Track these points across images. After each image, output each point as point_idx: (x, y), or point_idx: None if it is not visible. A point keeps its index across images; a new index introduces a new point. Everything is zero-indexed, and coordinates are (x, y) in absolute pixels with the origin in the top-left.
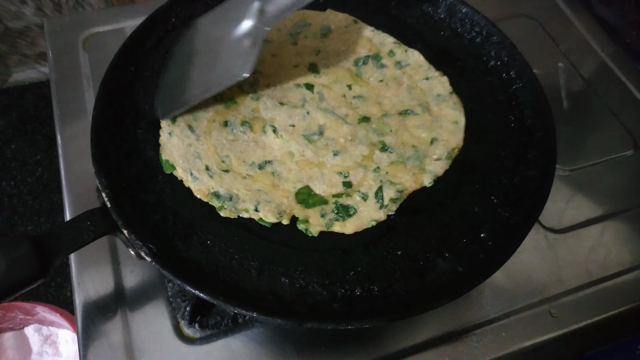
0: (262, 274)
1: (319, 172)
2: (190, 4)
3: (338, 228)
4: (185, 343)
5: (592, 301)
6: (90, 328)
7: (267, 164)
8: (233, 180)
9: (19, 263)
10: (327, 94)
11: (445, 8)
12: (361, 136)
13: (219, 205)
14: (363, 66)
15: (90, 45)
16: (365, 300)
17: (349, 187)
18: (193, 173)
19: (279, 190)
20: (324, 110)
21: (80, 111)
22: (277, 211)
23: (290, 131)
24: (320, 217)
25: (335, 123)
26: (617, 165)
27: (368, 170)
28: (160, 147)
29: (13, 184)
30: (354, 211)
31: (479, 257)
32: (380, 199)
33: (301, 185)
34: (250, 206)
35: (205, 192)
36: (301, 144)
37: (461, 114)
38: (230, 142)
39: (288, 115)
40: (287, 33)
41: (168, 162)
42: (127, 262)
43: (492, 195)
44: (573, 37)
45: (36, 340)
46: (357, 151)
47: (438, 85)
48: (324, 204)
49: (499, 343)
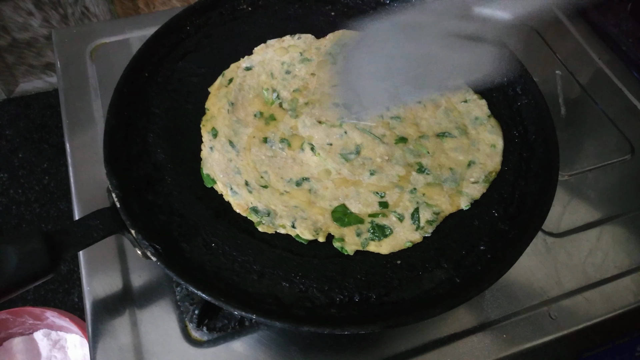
0: (263, 277)
1: (355, 191)
2: (205, 13)
3: (374, 248)
4: (193, 346)
5: (591, 303)
6: (99, 330)
7: (304, 181)
8: (271, 196)
9: (31, 257)
10: (365, 115)
11: None
12: (398, 157)
13: (258, 220)
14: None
15: (98, 56)
16: (363, 306)
17: (385, 207)
18: (233, 188)
19: (315, 207)
20: (361, 130)
21: (89, 120)
22: (314, 228)
23: (328, 149)
24: (356, 236)
25: (372, 143)
26: (614, 170)
27: (404, 191)
28: (201, 162)
29: (21, 192)
30: (389, 231)
31: (476, 269)
32: (417, 220)
33: (337, 203)
34: (288, 222)
35: (245, 207)
36: (338, 162)
37: (499, 137)
38: (269, 158)
39: (326, 134)
40: (326, 52)
41: (209, 176)
42: (136, 267)
43: (492, 209)
44: (570, 45)
45: (45, 344)
46: (394, 171)
47: (476, 108)
48: (360, 223)
49: (499, 345)
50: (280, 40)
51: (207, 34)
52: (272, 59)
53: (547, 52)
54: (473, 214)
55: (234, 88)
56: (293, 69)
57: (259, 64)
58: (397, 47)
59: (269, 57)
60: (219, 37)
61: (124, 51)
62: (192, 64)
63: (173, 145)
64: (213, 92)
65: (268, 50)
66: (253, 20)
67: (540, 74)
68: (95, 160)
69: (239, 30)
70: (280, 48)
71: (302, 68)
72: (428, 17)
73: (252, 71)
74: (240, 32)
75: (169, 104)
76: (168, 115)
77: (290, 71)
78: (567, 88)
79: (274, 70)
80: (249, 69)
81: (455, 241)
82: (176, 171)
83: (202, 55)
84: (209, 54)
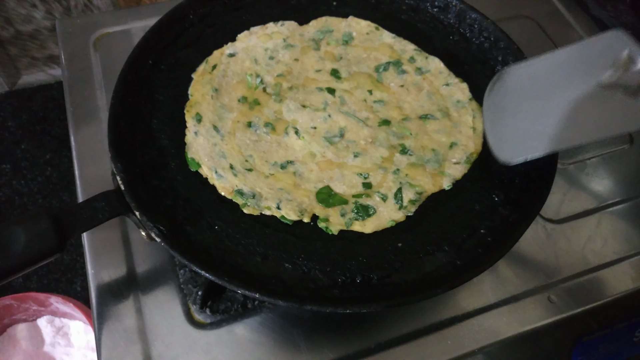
0: (267, 259)
1: (340, 173)
2: (208, 2)
3: (358, 227)
4: (196, 328)
5: (590, 288)
6: (104, 313)
7: (289, 164)
8: (256, 179)
9: (38, 237)
10: (348, 98)
11: (455, 14)
12: (381, 139)
13: (243, 202)
14: (384, 72)
15: (101, 46)
16: (365, 287)
17: (368, 187)
18: (218, 171)
19: (300, 189)
20: (345, 114)
21: (93, 110)
22: (299, 209)
23: (312, 133)
24: (341, 216)
25: (356, 126)
26: (613, 159)
27: (388, 172)
28: (186, 146)
29: (24, 183)
30: (373, 211)
31: (477, 251)
32: (400, 200)
33: (322, 185)
34: (273, 204)
35: (230, 189)
36: (322, 145)
37: (480, 120)
38: (253, 142)
39: (310, 117)
40: (310, 38)
41: (194, 160)
42: (140, 252)
43: (493, 194)
44: (571, 37)
45: (49, 331)
46: (377, 153)
47: (458, 91)
48: (344, 203)
49: (499, 328)
50: (264, 27)
51: (211, 23)
52: (255, 45)
53: (549, 44)
54: (474, 198)
55: (217, 74)
56: (277, 54)
57: (242, 51)
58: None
59: (252, 44)
60: (223, 26)
61: (128, 41)
62: (196, 53)
63: (177, 131)
64: (196, 79)
65: (251, 37)
66: (256, 10)
67: None
68: (100, 150)
69: (242, 19)
70: (264, 35)
71: (286, 54)
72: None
73: (236, 57)
74: (243, 21)
75: (173, 91)
76: (172, 102)
77: (274, 57)
78: None
79: (257, 56)
80: (232, 55)
81: (456, 225)
82: (180, 156)
83: (205, 44)
84: (212, 42)
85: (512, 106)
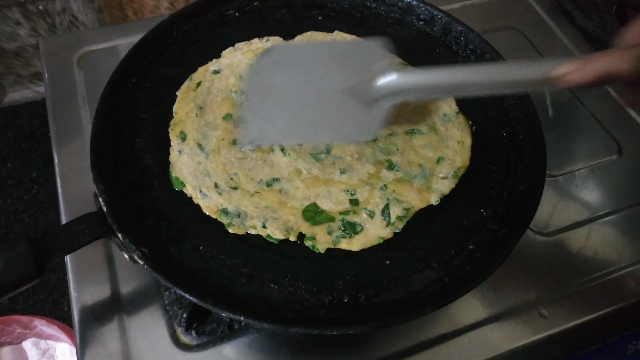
0: (252, 280)
1: (326, 190)
2: (192, 19)
3: (345, 245)
4: (182, 350)
5: (582, 301)
6: (87, 337)
7: (275, 182)
8: (241, 198)
9: (16, 263)
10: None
11: (441, 26)
12: (368, 155)
13: (228, 221)
14: None
15: (85, 64)
16: (352, 307)
17: (355, 204)
18: (202, 190)
19: (286, 207)
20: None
21: (77, 128)
22: (285, 228)
23: (298, 150)
24: (327, 234)
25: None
26: (602, 170)
27: (374, 188)
28: (170, 165)
29: (9, 202)
30: (360, 228)
31: (465, 268)
32: (387, 216)
33: (308, 202)
34: (258, 223)
35: (214, 209)
36: (308, 162)
37: (467, 134)
38: (238, 160)
39: None
40: None
41: (178, 180)
42: (124, 273)
43: (481, 209)
44: (557, 48)
45: (34, 354)
46: (364, 169)
47: (444, 105)
48: (331, 221)
49: (491, 344)
50: (249, 43)
51: (195, 40)
52: (240, 61)
53: (535, 55)
54: (462, 213)
55: (202, 92)
56: None
57: (227, 67)
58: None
59: (237, 60)
60: (207, 43)
61: (112, 58)
62: (180, 70)
63: (161, 150)
64: (181, 96)
65: (236, 53)
66: (241, 26)
67: None
68: (83, 168)
69: (227, 35)
70: (249, 51)
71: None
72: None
73: (221, 74)
74: (228, 37)
75: (157, 109)
76: (156, 120)
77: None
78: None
79: (242, 73)
80: (217, 72)
81: (444, 241)
82: (164, 176)
83: (189, 61)
84: (196, 59)
85: (271, 86)
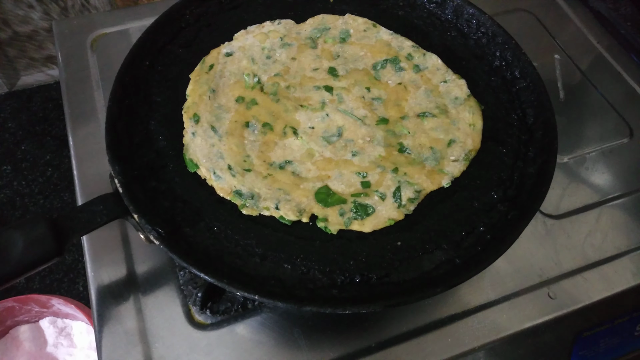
0: (266, 260)
1: (338, 172)
2: (204, 2)
3: (357, 227)
4: (197, 329)
5: (590, 283)
6: (105, 315)
7: (288, 164)
8: (254, 180)
9: (36, 242)
10: (346, 96)
11: (452, 9)
12: (379, 137)
13: (241, 203)
14: (381, 69)
15: (98, 47)
16: (364, 287)
17: (367, 187)
18: (216, 172)
19: (299, 189)
20: (342, 112)
21: (91, 111)
22: (297, 209)
23: (310, 133)
24: (339, 215)
25: (354, 124)
26: (613, 153)
27: (386, 170)
28: (184, 147)
29: (25, 184)
30: (372, 210)
31: (476, 249)
32: (398, 198)
33: (320, 184)
34: (271, 204)
35: (228, 190)
36: (320, 145)
37: (478, 117)
38: (251, 142)
39: (307, 117)
40: (307, 37)
41: (192, 162)
42: (139, 253)
43: (491, 191)
44: (569, 30)
45: (51, 332)
46: (375, 152)
47: (455, 88)
48: (343, 203)
49: (500, 324)
50: (261, 26)
51: (207, 23)
52: (252, 44)
53: (546, 37)
54: (472, 195)
55: (215, 74)
56: (274, 53)
57: (239, 50)
58: None
59: (249, 43)
60: (219, 26)
61: (125, 41)
62: (193, 53)
63: (174, 132)
64: (193, 79)
65: (248, 36)
66: (253, 9)
67: (539, 59)
68: (98, 150)
69: (239, 18)
70: (261, 34)
71: (283, 53)
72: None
73: (233, 57)
74: (240, 20)
75: (170, 92)
76: (169, 103)
77: (271, 56)
78: (566, 72)
79: (254, 56)
80: (229, 54)
81: (455, 223)
82: (178, 158)
83: (202, 44)
84: (209, 42)
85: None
